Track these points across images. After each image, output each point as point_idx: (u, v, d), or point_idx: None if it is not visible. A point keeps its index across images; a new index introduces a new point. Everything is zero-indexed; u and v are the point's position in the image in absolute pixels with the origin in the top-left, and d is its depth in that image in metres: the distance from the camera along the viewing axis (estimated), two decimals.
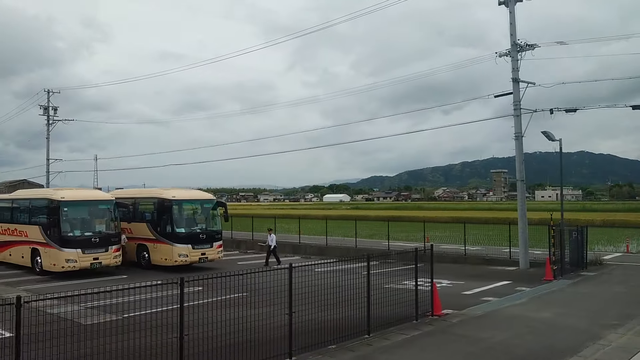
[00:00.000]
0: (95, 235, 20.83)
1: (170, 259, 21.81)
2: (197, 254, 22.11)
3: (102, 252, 20.76)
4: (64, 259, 20.04)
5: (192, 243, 22.00)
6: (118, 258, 21.34)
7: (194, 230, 22.41)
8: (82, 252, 20.23)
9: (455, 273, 20.57)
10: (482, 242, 27.11)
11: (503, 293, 15.45)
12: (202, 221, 23.23)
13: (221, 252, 23.27)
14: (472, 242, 28.09)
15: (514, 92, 21.87)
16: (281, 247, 30.35)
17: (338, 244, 28.70)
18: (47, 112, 48.57)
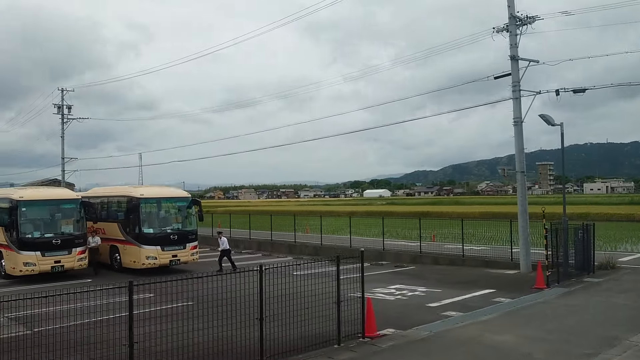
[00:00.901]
0: (57, 237, 19.57)
1: (138, 262, 20.43)
2: (168, 256, 20.61)
3: (64, 255, 19.51)
4: (22, 262, 18.90)
5: (162, 244, 20.52)
6: (83, 261, 20.06)
7: (163, 231, 20.91)
8: (41, 255, 19.02)
9: (441, 278, 18.36)
10: (499, 241, 24.14)
11: (474, 306, 13.13)
12: (174, 221, 21.72)
13: (196, 254, 21.68)
14: (485, 240, 25.52)
15: (512, 72, 19.30)
16: (277, 246, 28.66)
17: (335, 243, 26.63)
18: (61, 110, 48.43)
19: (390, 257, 23.73)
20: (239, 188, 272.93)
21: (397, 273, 20.11)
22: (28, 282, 18.99)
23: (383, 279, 18.28)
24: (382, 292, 15.62)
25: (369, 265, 22.19)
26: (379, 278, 18.65)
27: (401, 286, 16.56)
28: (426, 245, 23.69)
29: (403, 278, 18.53)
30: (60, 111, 48.44)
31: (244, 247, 30.53)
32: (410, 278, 18.51)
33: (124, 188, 23.41)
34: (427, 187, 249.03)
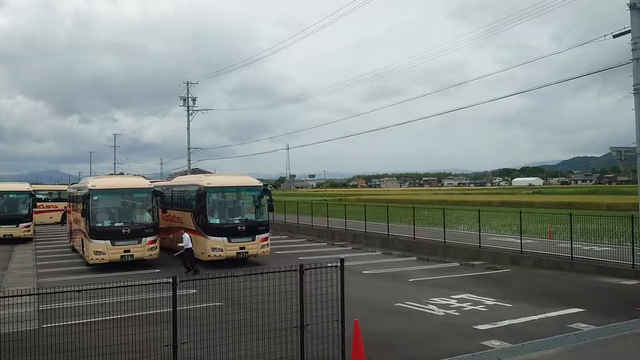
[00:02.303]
0: (127, 226, 19.49)
1: (204, 253, 19.69)
2: (235, 248, 19.59)
3: (134, 245, 19.38)
4: (93, 250, 19.10)
5: (228, 236, 19.54)
6: (153, 251, 19.81)
7: (230, 221, 19.92)
8: (111, 244, 19.06)
9: (528, 287, 15.10)
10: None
11: (536, 333, 9.97)
12: (243, 211, 20.65)
13: (266, 247, 20.38)
14: (614, 239, 20.80)
15: (632, 25, 15.07)
16: (371, 239, 26.51)
17: (429, 238, 23.74)
18: (186, 102, 50.57)
19: (487, 256, 20.39)
20: (381, 176, 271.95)
21: (479, 277, 16.97)
22: (100, 270, 19.19)
23: (453, 285, 15.40)
24: (435, 303, 12.91)
25: (457, 266, 19.35)
26: (451, 283, 15.79)
27: (466, 296, 13.62)
28: (534, 244, 19.99)
29: (479, 285, 15.46)
30: (185, 103, 50.60)
31: (339, 238, 28.79)
32: (488, 285, 15.38)
33: (195, 177, 22.98)
34: (585, 174, 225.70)
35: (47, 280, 17.60)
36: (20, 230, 29.61)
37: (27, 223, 29.96)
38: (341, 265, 8.10)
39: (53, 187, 46.99)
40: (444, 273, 17.91)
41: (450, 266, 19.47)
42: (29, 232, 30.06)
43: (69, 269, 19.96)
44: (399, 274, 17.96)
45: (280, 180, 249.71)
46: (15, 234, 29.37)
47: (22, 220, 29.84)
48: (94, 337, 7.96)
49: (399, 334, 10.34)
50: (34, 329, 10.18)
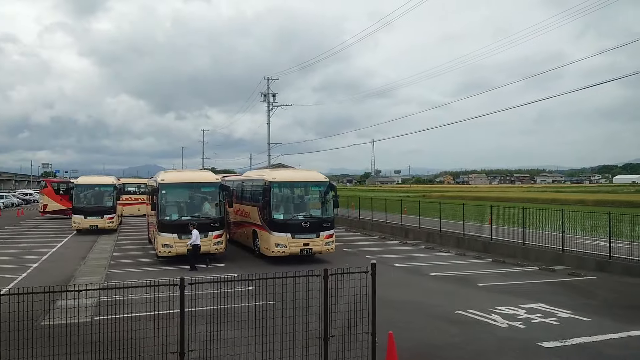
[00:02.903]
0: (194, 220, 19.64)
1: (268, 249, 19.48)
2: (298, 244, 19.17)
3: (200, 238, 19.47)
4: (161, 243, 19.44)
5: (292, 232, 19.16)
6: (220, 245, 19.82)
7: (294, 217, 19.52)
8: (178, 237, 19.28)
9: (614, 299, 13.54)
10: None
11: (615, 355, 8.61)
12: (307, 207, 20.19)
13: (331, 244, 19.80)
14: None
15: None
16: (445, 238, 25.21)
17: (508, 239, 22.05)
18: (266, 98, 51.11)
19: (570, 261, 18.58)
20: (470, 173, 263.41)
21: (558, 285, 15.37)
22: (168, 263, 19.53)
23: (526, 292, 14.02)
24: (501, 312, 11.69)
25: (535, 271, 17.85)
26: (524, 290, 14.40)
27: (538, 306, 12.27)
28: (627, 249, 17.97)
29: (556, 293, 13.97)
30: (266, 99, 51.14)
31: (412, 236, 27.66)
32: (565, 294, 13.86)
33: (262, 171, 22.79)
34: None
35: (115, 272, 18.07)
36: (105, 221, 31.04)
37: (111, 215, 31.35)
38: (372, 271, 7.25)
39: (141, 181, 49.09)
40: (519, 278, 16.45)
41: (527, 270, 17.91)
42: (113, 223, 31.42)
43: (141, 260, 20.45)
44: (468, 277, 16.73)
45: (365, 175, 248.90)
46: (100, 225, 30.82)
47: (107, 212, 31.26)
48: (138, 332, 7.80)
49: (450, 347, 9.36)
50: (86, 321, 10.25)
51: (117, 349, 7.85)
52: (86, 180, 33.94)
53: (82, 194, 31.65)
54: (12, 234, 31.50)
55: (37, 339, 7.23)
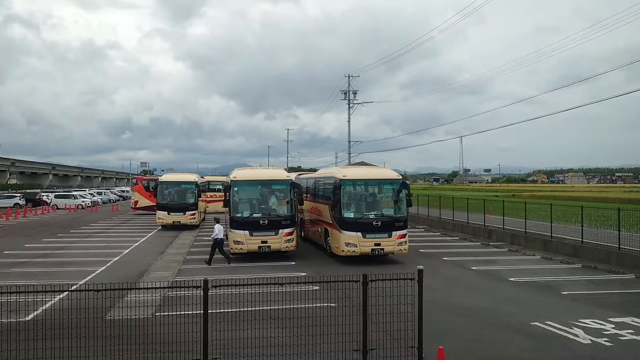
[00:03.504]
0: (265, 217, 19.55)
1: (338, 248, 19.00)
2: (369, 244, 18.52)
3: (271, 236, 19.39)
4: (233, 240, 19.52)
5: (363, 231, 18.54)
6: (290, 243, 19.60)
7: (365, 216, 18.87)
8: (249, 234, 19.29)
9: None
10: None
11: None
12: (379, 206, 19.45)
13: (404, 244, 18.94)
14: None
15: None
16: (530, 241, 23.50)
17: (603, 243, 20.05)
18: (347, 96, 50.67)
19: None
20: (566, 171, 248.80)
21: None
22: (240, 260, 19.60)
23: (616, 304, 12.52)
24: (584, 326, 10.40)
25: (631, 279, 16.49)
26: (614, 301, 12.89)
27: (629, 320, 10.82)
28: None
29: None
30: (346, 97, 50.70)
31: (495, 237, 26.06)
32: None
33: (333, 169, 22.27)
34: None
35: (187, 267, 18.33)
36: (187, 217, 31.96)
37: (192, 211, 32.23)
38: (419, 277, 6.46)
39: (225, 178, 50.22)
40: (610, 287, 14.81)
41: (621, 279, 16.12)
42: (195, 219, 32.28)
43: (216, 256, 20.64)
44: (551, 284, 15.30)
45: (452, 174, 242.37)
46: (183, 221, 31.78)
47: (189, 209, 32.17)
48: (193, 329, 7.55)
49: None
50: (147, 317, 10.22)
51: (171, 345, 7.68)
52: (170, 177, 35.17)
53: (166, 191, 32.77)
54: (103, 228, 33.24)
55: (99, 333, 7.24)
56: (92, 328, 7.36)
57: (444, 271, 17.74)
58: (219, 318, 8.02)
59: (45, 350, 7.11)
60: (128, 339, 8.02)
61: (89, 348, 7.31)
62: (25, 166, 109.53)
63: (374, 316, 7.28)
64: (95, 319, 7.43)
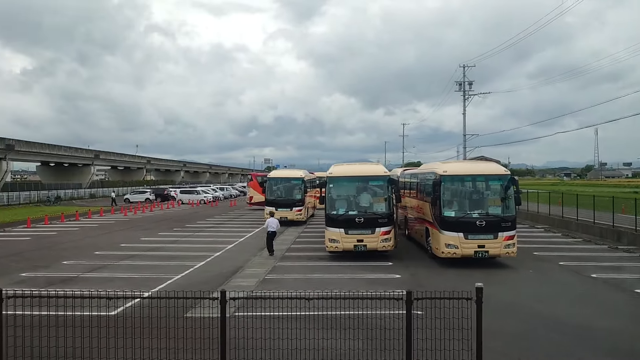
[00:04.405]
0: (360, 215, 18.84)
1: (438, 249, 17.79)
2: (472, 246, 17.08)
3: (367, 234, 18.66)
4: (328, 238, 19.10)
5: (465, 231, 17.14)
6: (387, 242, 18.71)
7: (468, 215, 17.42)
8: (344, 233, 18.73)
9: None
10: None
11: None
12: (484, 204, 17.86)
13: (512, 246, 17.21)
14: None
15: None
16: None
17: None
18: (462, 87, 48.31)
19: None
20: None
21: None
22: (336, 258, 19.13)
23: None
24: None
25: None
26: None
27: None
28: None
29: None
30: (461, 88, 48.37)
31: (627, 241, 23.01)
32: None
33: (434, 164, 20.86)
34: None
35: (282, 264, 18.17)
36: (294, 213, 32.16)
37: (299, 207, 32.37)
38: (478, 297, 5.33)
39: None
40: None
41: None
42: (301, 215, 32.39)
43: (313, 254, 20.36)
44: None
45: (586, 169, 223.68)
46: (289, 217, 32.00)
47: (295, 204, 32.36)
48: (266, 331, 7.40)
49: None
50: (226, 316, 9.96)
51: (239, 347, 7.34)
52: (277, 174, 35.70)
53: (274, 187, 33.22)
54: (216, 223, 34.53)
55: (178, 330, 7.10)
56: (172, 327, 7.21)
57: (556, 278, 15.84)
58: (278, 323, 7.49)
59: (126, 350, 7.20)
60: (201, 339, 7.72)
61: (163, 346, 7.28)
62: (160, 164, 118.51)
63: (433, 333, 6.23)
64: (176, 318, 7.25)
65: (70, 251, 21.58)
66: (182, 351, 7.41)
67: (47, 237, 27.06)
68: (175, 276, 15.97)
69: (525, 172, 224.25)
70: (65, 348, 7.45)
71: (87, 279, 15.81)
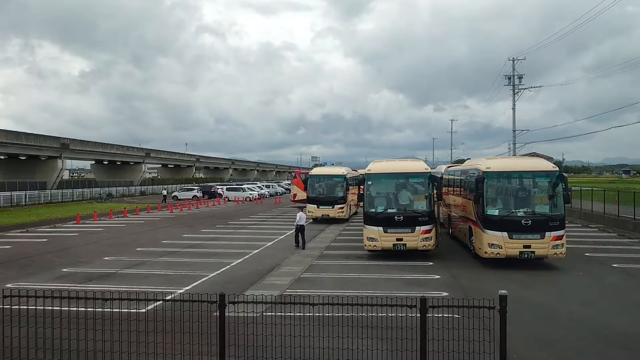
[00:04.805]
0: (399, 213, 18.30)
1: (481, 249, 17.04)
2: (517, 246, 16.25)
3: (406, 233, 18.11)
4: (366, 236, 18.67)
5: (509, 230, 16.32)
6: (428, 242, 18.09)
7: (513, 214, 16.58)
8: (383, 231, 18.24)
9: None
10: None
11: None
12: (530, 202, 16.97)
13: (561, 247, 16.27)
14: None
15: None
16: None
17: None
18: (511, 81, 46.76)
19: None
20: None
21: None
22: (375, 257, 18.69)
23: None
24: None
25: None
26: None
27: None
28: None
29: None
30: (510, 82, 46.83)
31: None
32: None
33: (477, 160, 19.98)
34: None
35: (319, 263, 17.87)
36: (336, 211, 31.81)
37: (341, 205, 31.97)
38: (502, 306, 4.80)
39: None
40: None
41: None
42: (343, 213, 31.99)
43: (351, 252, 19.98)
44: None
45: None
46: (331, 214, 31.69)
47: (337, 202, 31.98)
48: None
49: None
50: (254, 315, 9.77)
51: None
52: (319, 171, 35.41)
53: (316, 185, 32.95)
54: (259, 220, 34.60)
55: (204, 328, 6.92)
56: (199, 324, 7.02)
57: (608, 282, 14.85)
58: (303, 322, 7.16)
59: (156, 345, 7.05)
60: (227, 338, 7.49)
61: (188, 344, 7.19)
62: (209, 161, 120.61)
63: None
64: (209, 314, 7.06)
65: (114, 247, 21.96)
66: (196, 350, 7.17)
67: (93, 233, 27.73)
68: (210, 274, 15.90)
69: (580, 169, 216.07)
70: (81, 341, 7.33)
71: (124, 275, 15.94)
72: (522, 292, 13.23)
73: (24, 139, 57.93)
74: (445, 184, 24.89)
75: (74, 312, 6.79)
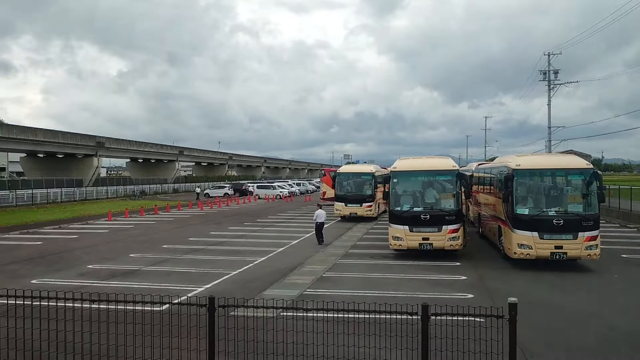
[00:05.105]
0: (426, 212, 17.86)
1: (510, 249, 16.47)
2: (548, 246, 15.62)
3: (433, 232, 17.67)
4: (391, 235, 18.29)
5: (540, 230, 15.71)
6: (455, 241, 17.60)
7: (544, 213, 15.95)
8: (409, 230, 17.85)
9: None
10: None
11: None
12: (562, 201, 16.29)
13: (595, 248, 15.55)
14: None
15: None
16: None
17: None
18: (547, 76, 45.46)
19: None
20: None
21: None
22: (400, 257, 18.29)
23: None
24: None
25: None
26: None
27: None
28: None
29: None
30: (546, 77, 45.53)
31: None
32: None
33: (507, 157, 19.30)
34: None
35: (343, 262, 17.60)
36: (364, 209, 31.45)
37: (369, 203, 31.59)
38: (511, 315, 4.42)
39: None
40: None
41: None
42: (371, 211, 31.60)
43: (377, 252, 19.61)
44: None
45: None
46: (359, 213, 31.35)
47: (365, 200, 31.61)
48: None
49: None
50: (272, 316, 9.58)
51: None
52: (347, 169, 35.09)
53: (344, 183, 32.66)
54: (287, 218, 34.49)
55: (220, 328, 6.79)
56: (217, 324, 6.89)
57: None
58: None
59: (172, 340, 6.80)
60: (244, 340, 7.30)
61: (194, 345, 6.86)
62: (241, 159, 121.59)
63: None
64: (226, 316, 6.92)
65: (141, 244, 22.15)
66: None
67: (123, 230, 28.09)
68: (232, 272, 15.80)
69: (621, 167, 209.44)
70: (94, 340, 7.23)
71: (147, 272, 15.98)
72: (551, 295, 12.68)
73: (61, 137, 59.41)
74: (475, 182, 24.26)
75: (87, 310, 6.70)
